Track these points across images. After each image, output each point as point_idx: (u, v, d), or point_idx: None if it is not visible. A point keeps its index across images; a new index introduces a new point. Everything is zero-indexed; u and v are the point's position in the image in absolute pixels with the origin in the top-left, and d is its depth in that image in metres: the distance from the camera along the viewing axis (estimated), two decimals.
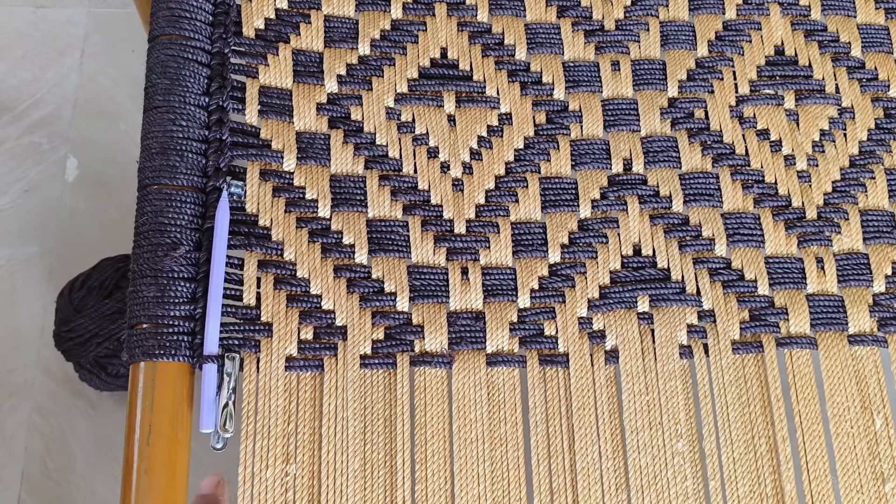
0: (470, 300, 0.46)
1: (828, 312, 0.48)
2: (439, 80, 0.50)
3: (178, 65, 0.45)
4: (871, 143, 0.52)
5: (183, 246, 0.42)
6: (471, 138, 0.49)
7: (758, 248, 0.48)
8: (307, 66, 0.49)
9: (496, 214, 0.48)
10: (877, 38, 0.54)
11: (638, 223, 0.48)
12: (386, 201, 0.47)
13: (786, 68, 0.53)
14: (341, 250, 0.45)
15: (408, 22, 0.51)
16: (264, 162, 0.46)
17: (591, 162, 0.49)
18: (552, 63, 0.51)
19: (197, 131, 0.45)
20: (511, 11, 0.52)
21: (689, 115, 0.51)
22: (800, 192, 0.50)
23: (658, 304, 0.46)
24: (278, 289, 0.44)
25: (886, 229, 0.50)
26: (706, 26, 0.53)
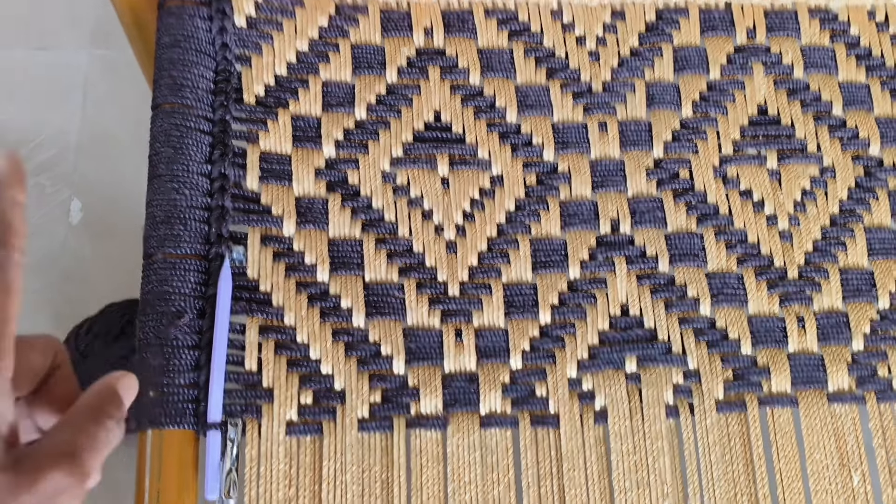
0: (464, 362, 0.47)
1: (808, 371, 0.50)
2: (433, 142, 0.51)
3: (182, 133, 0.47)
4: (851, 202, 0.53)
5: (187, 314, 0.44)
6: (464, 201, 0.51)
7: (741, 308, 0.50)
8: (306, 131, 0.50)
9: (488, 276, 0.49)
10: (857, 95, 0.56)
11: (625, 283, 0.50)
12: (382, 265, 0.48)
13: (769, 128, 0.54)
14: (339, 314, 0.47)
15: (402, 85, 0.52)
16: (265, 227, 0.48)
17: (579, 223, 0.51)
18: (542, 124, 0.53)
19: (200, 199, 0.47)
20: (502, 73, 0.53)
21: (675, 175, 0.53)
22: (781, 252, 0.52)
23: (645, 364, 0.48)
24: (279, 354, 0.45)
25: (865, 288, 0.52)
26: (691, 86, 0.55)
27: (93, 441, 0.29)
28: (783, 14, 0.57)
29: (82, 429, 0.30)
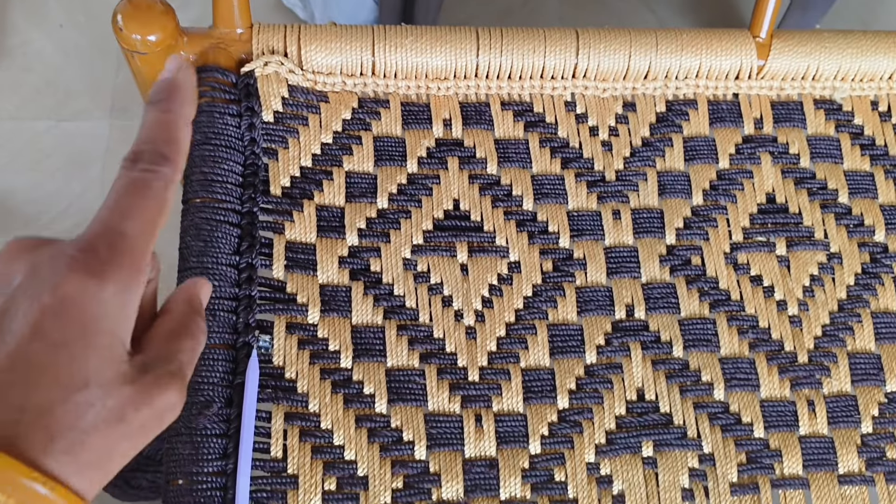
0: (484, 447, 0.48)
1: (819, 454, 0.51)
2: (452, 231, 0.53)
3: (211, 227, 0.49)
4: (857, 288, 0.55)
5: (216, 403, 0.45)
6: (482, 287, 0.52)
7: (753, 392, 0.51)
8: (330, 220, 0.52)
9: (507, 361, 0.51)
10: (862, 184, 0.58)
11: (641, 369, 0.51)
12: (404, 351, 0.50)
13: (777, 216, 0.56)
14: (363, 400, 0.48)
15: (423, 175, 0.54)
16: (290, 315, 0.49)
17: (595, 308, 0.53)
18: (557, 213, 0.55)
19: (228, 289, 0.48)
20: (518, 163, 0.56)
21: (687, 262, 0.54)
22: (791, 337, 0.53)
23: (662, 448, 0.49)
24: (303, 441, 0.47)
25: (873, 371, 0.53)
26: (701, 175, 0.57)
27: (191, 358, 0.31)
28: (789, 105, 0.59)
29: (182, 346, 0.31)
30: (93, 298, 0.27)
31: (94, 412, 0.27)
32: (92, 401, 0.26)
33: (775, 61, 0.58)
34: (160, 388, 0.28)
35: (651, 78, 0.58)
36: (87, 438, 0.26)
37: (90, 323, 0.27)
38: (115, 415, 0.27)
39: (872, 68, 0.59)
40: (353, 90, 0.55)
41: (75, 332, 0.26)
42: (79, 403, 0.26)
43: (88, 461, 0.26)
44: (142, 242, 0.29)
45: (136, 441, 0.28)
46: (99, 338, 0.27)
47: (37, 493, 0.25)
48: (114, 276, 0.27)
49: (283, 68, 0.53)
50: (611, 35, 0.56)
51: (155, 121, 0.31)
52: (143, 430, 0.28)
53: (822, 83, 0.59)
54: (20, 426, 0.25)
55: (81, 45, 0.91)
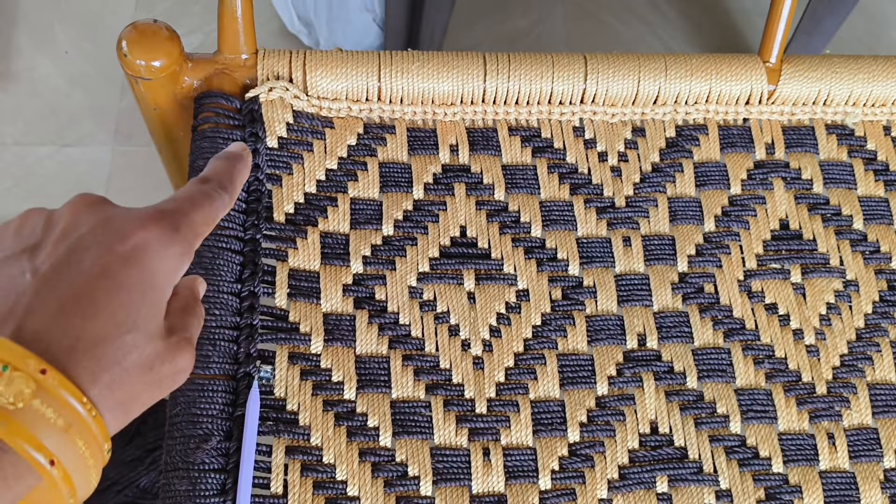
0: (492, 483, 0.47)
1: (840, 489, 0.49)
2: (459, 258, 0.52)
3: (213, 255, 0.48)
4: (875, 316, 0.54)
5: (214, 437, 0.44)
6: (490, 316, 0.51)
7: (771, 425, 0.50)
8: (334, 248, 0.51)
9: (516, 393, 0.49)
10: (877, 210, 0.57)
11: (654, 400, 0.50)
12: (409, 382, 0.48)
13: (791, 242, 0.55)
14: (366, 433, 0.47)
15: (429, 202, 0.53)
16: (293, 345, 0.48)
17: (606, 338, 0.51)
18: (566, 240, 0.53)
19: (229, 319, 0.47)
20: (526, 189, 0.54)
21: (700, 289, 0.53)
22: (809, 367, 0.52)
23: (676, 484, 0.48)
24: (305, 475, 0.45)
25: (894, 402, 0.51)
26: (712, 201, 0.55)
27: (197, 332, 0.35)
28: (801, 130, 0.58)
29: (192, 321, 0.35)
30: (159, 254, 0.30)
31: (136, 355, 0.29)
32: (137, 343, 0.29)
33: (786, 86, 0.57)
34: (180, 349, 0.32)
35: (660, 103, 0.57)
36: (125, 377, 0.29)
37: (151, 276, 0.30)
38: (149, 362, 0.30)
39: (884, 93, 0.58)
40: (359, 116, 0.55)
41: (137, 280, 0.30)
42: (126, 343, 0.29)
43: (121, 400, 0.29)
44: (200, 231, 0.33)
45: (154, 393, 0.31)
46: (154, 292, 0.30)
47: (81, 418, 0.27)
48: (179, 242, 0.31)
49: (288, 94, 0.52)
50: (619, 60, 0.56)
51: (221, 165, 0.38)
52: (160, 383, 0.31)
53: (833, 108, 0.58)
54: (76, 352, 0.28)
55: (86, 72, 0.90)
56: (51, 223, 0.32)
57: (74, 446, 0.27)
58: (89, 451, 0.28)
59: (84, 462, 0.28)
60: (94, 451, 0.28)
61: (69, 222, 0.31)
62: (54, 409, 0.27)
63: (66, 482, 0.27)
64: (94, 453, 0.28)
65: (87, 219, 0.31)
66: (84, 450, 0.28)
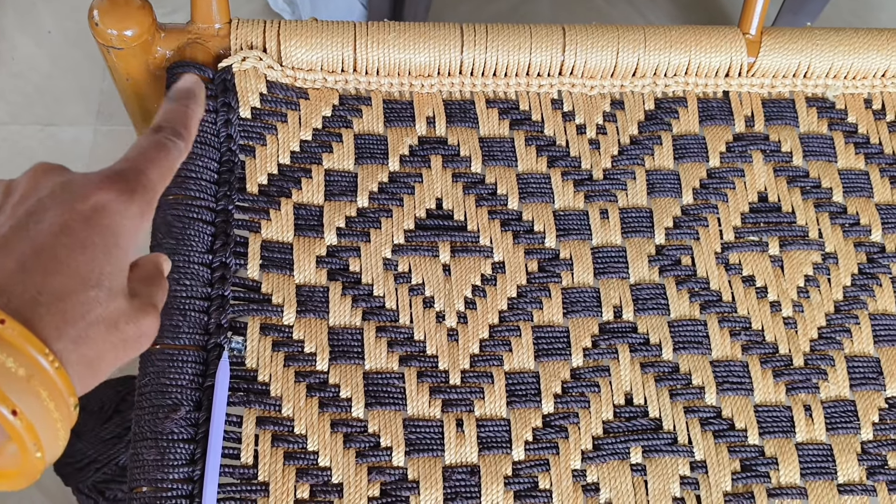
0: (465, 454, 0.46)
1: (817, 462, 0.48)
2: (435, 230, 0.52)
3: (184, 224, 0.47)
4: (854, 289, 0.53)
5: (183, 407, 0.43)
6: (465, 288, 0.50)
7: (747, 397, 0.50)
8: (307, 219, 0.51)
9: (490, 364, 0.49)
10: (857, 182, 0.56)
11: (629, 372, 0.49)
12: (382, 353, 0.48)
13: (769, 215, 0.55)
14: (339, 404, 0.46)
15: (405, 174, 0.53)
16: (265, 316, 0.47)
17: (582, 310, 0.51)
18: (543, 212, 0.53)
19: (200, 289, 0.46)
20: (503, 162, 0.54)
21: (677, 262, 0.53)
22: (786, 339, 0.51)
23: (651, 455, 0.47)
24: (276, 446, 0.45)
25: (872, 375, 0.51)
26: (691, 174, 0.55)
27: (161, 301, 0.35)
28: (781, 103, 0.58)
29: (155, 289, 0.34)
30: (119, 213, 0.30)
31: (100, 310, 0.29)
32: (100, 299, 0.29)
33: (766, 58, 0.56)
34: (144, 312, 0.32)
35: (639, 75, 0.56)
36: (90, 332, 0.29)
37: (112, 234, 0.30)
38: (114, 319, 0.30)
39: (865, 66, 0.57)
40: (334, 87, 0.54)
41: (99, 238, 0.30)
42: (90, 298, 0.29)
43: (86, 356, 0.29)
44: (158, 186, 0.33)
45: (120, 353, 0.30)
46: (117, 249, 0.30)
47: (44, 369, 0.27)
48: (138, 200, 0.31)
49: (262, 64, 0.52)
50: (598, 32, 0.55)
51: (174, 109, 0.36)
52: (125, 344, 0.31)
53: (813, 81, 0.58)
54: (39, 306, 0.28)
55: (69, 52, 0.90)
56: (10, 189, 0.32)
57: (38, 397, 0.27)
58: (54, 403, 0.27)
59: (49, 415, 0.27)
60: (59, 404, 0.28)
61: (28, 187, 0.31)
62: (15, 358, 0.26)
63: (29, 433, 0.27)
64: (59, 406, 0.28)
65: (45, 183, 0.31)
66: (48, 402, 0.27)
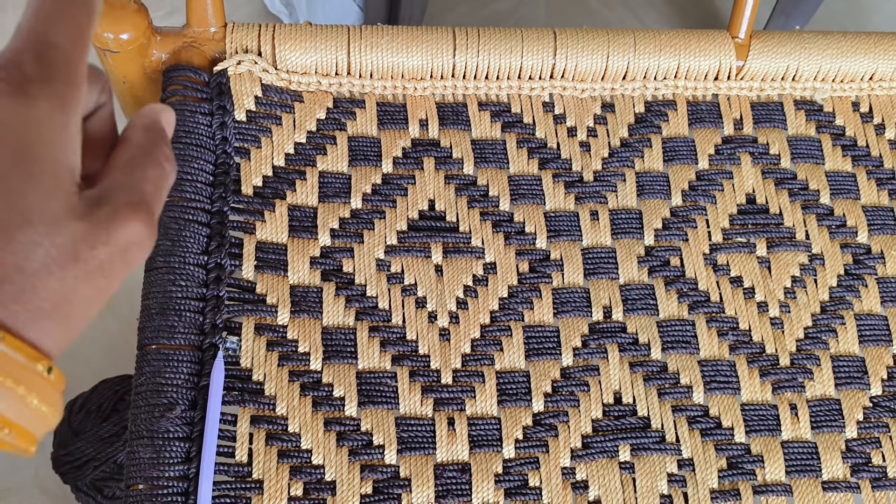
0: (456, 451, 0.47)
1: (802, 459, 0.49)
2: (427, 231, 0.52)
3: (179, 226, 0.48)
4: (840, 289, 0.54)
5: (179, 406, 0.44)
6: (457, 288, 0.51)
7: (734, 396, 0.50)
8: (302, 221, 0.51)
9: (481, 364, 0.50)
10: (844, 185, 0.57)
11: (618, 371, 0.50)
12: (375, 353, 0.49)
13: (757, 216, 0.55)
14: (332, 403, 0.47)
15: (398, 176, 0.54)
16: (259, 316, 0.48)
17: (572, 310, 0.52)
18: (534, 213, 0.54)
19: (195, 290, 0.47)
20: (495, 164, 0.55)
21: (665, 263, 0.53)
22: (773, 339, 0.52)
23: (639, 453, 0.48)
24: (270, 444, 0.45)
25: (857, 374, 0.52)
26: (680, 176, 0.56)
27: (157, 188, 0.27)
28: (769, 106, 0.58)
29: (145, 175, 0.27)
30: (23, 121, 0.23)
31: (43, 252, 0.23)
32: (37, 239, 0.23)
33: (754, 62, 0.57)
34: (119, 220, 0.25)
35: (630, 78, 0.57)
36: (37, 282, 0.23)
37: (24, 149, 0.23)
38: (68, 253, 0.24)
39: (853, 69, 0.58)
40: (329, 90, 0.55)
41: (8, 162, 0.23)
42: (22, 243, 0.23)
43: (42, 309, 0.24)
44: (75, 52, 0.25)
45: (97, 283, 0.25)
46: (37, 165, 0.23)
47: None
48: (45, 93, 0.24)
49: (257, 67, 0.53)
50: (588, 35, 0.56)
51: None
52: (102, 271, 0.25)
53: (802, 84, 0.59)
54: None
55: None
56: None
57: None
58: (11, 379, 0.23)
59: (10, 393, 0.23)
60: (17, 377, 0.23)
61: None
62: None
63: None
64: (19, 379, 0.23)
65: None
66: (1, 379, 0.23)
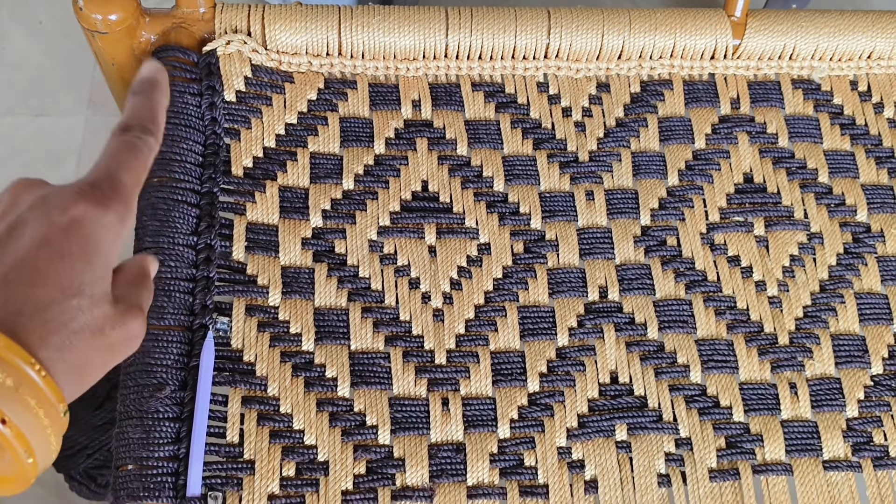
0: (450, 431, 0.47)
1: (802, 438, 0.49)
2: (420, 212, 0.52)
3: (168, 206, 0.47)
4: (840, 268, 0.53)
5: (168, 386, 0.44)
6: (451, 269, 0.51)
7: (732, 375, 0.50)
8: (293, 202, 0.51)
9: (476, 344, 0.49)
10: (843, 164, 0.56)
11: (614, 351, 0.49)
12: (368, 334, 0.48)
13: (755, 195, 0.55)
14: (324, 384, 0.47)
15: (390, 156, 0.53)
16: (250, 297, 0.48)
17: (567, 290, 0.51)
18: (529, 194, 0.53)
19: (185, 270, 0.47)
20: (489, 144, 0.54)
21: (662, 242, 0.53)
22: (771, 318, 0.51)
23: (636, 432, 0.47)
24: (261, 425, 0.45)
25: (857, 353, 0.51)
26: (676, 156, 0.55)
27: (147, 303, 0.35)
28: (766, 85, 0.58)
29: (141, 292, 0.35)
30: (96, 222, 0.31)
31: (84, 318, 0.30)
32: (83, 307, 0.30)
33: (751, 41, 0.56)
34: (130, 315, 0.32)
35: (625, 58, 0.56)
36: (74, 340, 0.30)
37: (91, 243, 0.31)
38: (98, 325, 0.31)
39: (850, 48, 0.58)
40: (319, 70, 0.54)
41: (78, 248, 0.30)
42: (72, 307, 0.30)
43: (73, 363, 0.30)
44: (133, 190, 0.33)
45: (107, 358, 0.31)
46: (96, 257, 0.31)
47: (30, 378, 0.28)
48: (114, 207, 0.32)
49: (247, 47, 0.52)
50: (583, 14, 0.55)
51: (140, 103, 0.36)
52: (112, 349, 0.31)
53: (799, 63, 0.58)
54: (22, 317, 0.29)
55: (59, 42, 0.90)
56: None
57: (26, 405, 0.28)
58: (43, 410, 0.28)
59: (38, 422, 0.28)
60: (48, 411, 0.28)
61: (8, 203, 0.32)
62: (1, 369, 0.27)
63: (20, 441, 0.28)
64: (48, 413, 0.28)
65: (25, 198, 0.32)
66: (37, 409, 0.28)
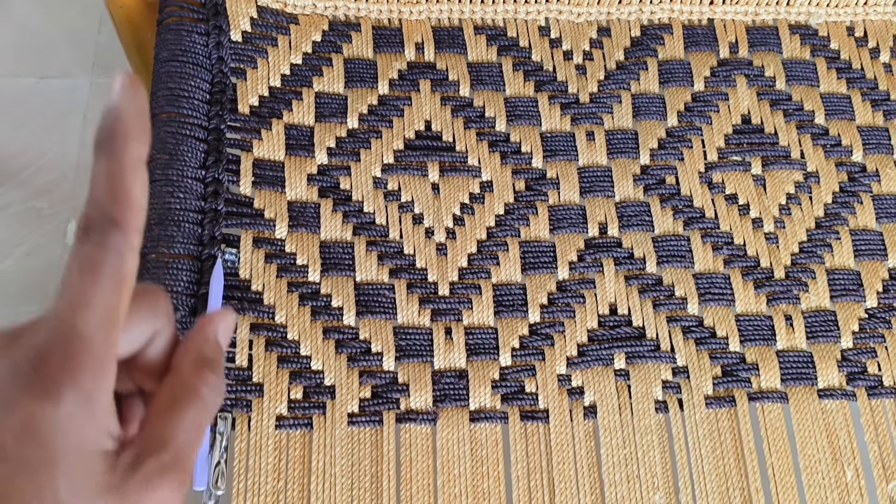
0: (453, 359, 0.48)
1: (797, 368, 0.50)
2: (424, 150, 0.53)
3: (177, 141, 0.48)
4: (836, 206, 0.54)
5: (178, 311, 0.45)
6: (454, 205, 0.52)
7: (728, 307, 0.51)
8: (299, 139, 0.52)
9: (478, 277, 0.50)
10: (839, 106, 0.57)
11: (613, 284, 0.50)
12: (373, 266, 0.49)
13: (752, 136, 0.56)
14: (330, 313, 0.48)
15: (394, 97, 0.54)
16: (257, 230, 0.49)
17: (568, 226, 0.52)
18: (530, 134, 0.54)
19: (193, 202, 0.48)
20: (491, 86, 0.55)
21: (661, 181, 0.54)
22: (768, 253, 0.52)
23: (634, 361, 0.48)
24: (269, 350, 0.46)
25: (852, 287, 0.52)
26: (676, 98, 0.56)
27: (192, 433, 0.26)
28: (764, 30, 0.59)
29: (183, 419, 0.26)
30: (50, 421, 0.24)
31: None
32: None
33: None
34: (150, 487, 0.25)
35: (625, 2, 0.57)
36: None
37: (53, 445, 0.24)
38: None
39: None
40: (324, 13, 0.55)
41: (39, 457, 0.24)
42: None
43: None
44: (100, 336, 0.24)
45: None
46: (65, 457, 0.24)
47: None
48: (70, 391, 0.24)
49: None
50: None
51: (100, 174, 0.25)
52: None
53: (797, 9, 0.59)
54: None
55: (64, 5, 0.91)
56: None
57: None
58: None
59: None
60: None
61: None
62: None
63: None
64: None
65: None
66: None
